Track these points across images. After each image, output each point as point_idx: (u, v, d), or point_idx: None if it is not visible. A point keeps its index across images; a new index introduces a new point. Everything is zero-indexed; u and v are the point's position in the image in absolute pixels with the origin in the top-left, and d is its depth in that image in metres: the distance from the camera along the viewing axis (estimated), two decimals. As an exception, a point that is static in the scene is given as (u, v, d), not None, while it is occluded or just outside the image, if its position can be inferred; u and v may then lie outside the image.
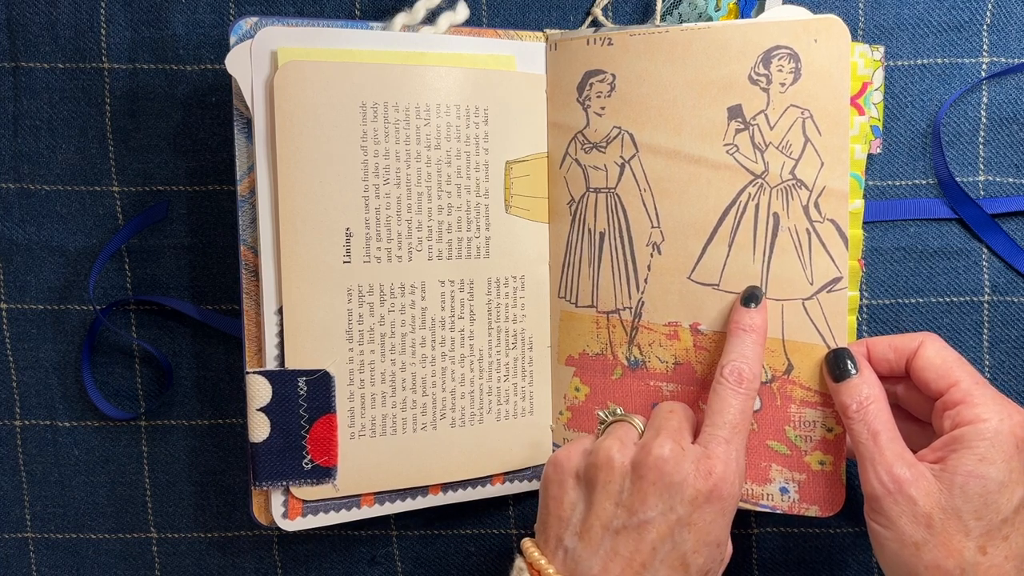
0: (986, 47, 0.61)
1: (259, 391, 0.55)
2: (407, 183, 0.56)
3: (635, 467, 0.49)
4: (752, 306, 0.54)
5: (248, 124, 0.55)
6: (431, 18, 0.57)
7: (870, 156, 0.60)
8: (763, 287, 0.55)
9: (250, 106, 0.54)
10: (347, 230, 0.55)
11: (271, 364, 0.55)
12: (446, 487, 0.60)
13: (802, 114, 0.54)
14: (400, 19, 0.57)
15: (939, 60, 0.61)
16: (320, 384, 0.56)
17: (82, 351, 0.63)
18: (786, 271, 0.55)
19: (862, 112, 0.57)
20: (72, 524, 0.64)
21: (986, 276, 0.61)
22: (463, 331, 0.58)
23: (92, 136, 0.61)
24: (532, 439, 0.61)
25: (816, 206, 0.54)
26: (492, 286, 0.59)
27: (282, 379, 0.55)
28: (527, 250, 0.60)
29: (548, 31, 0.59)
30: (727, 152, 0.55)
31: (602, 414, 0.55)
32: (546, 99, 0.60)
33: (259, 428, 0.55)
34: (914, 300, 0.62)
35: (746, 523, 0.64)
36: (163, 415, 0.64)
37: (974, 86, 0.61)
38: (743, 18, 0.58)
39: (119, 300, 0.63)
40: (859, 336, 0.62)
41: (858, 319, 0.62)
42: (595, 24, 0.61)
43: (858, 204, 0.58)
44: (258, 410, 0.55)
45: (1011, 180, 0.61)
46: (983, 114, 0.61)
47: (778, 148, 0.54)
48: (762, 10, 0.58)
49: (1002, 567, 0.48)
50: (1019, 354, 0.62)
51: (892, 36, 0.61)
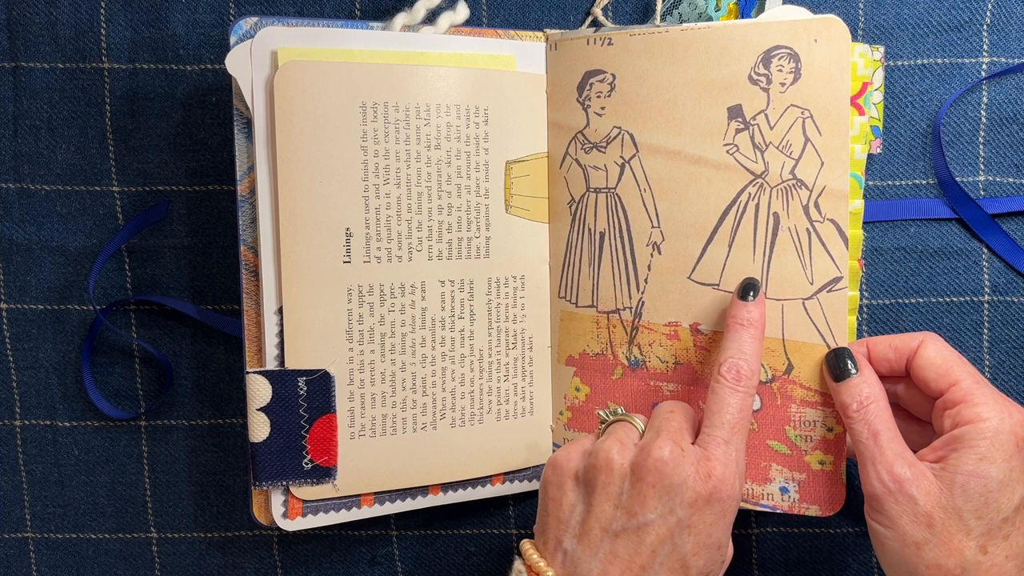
0: (986, 47, 0.61)
1: (259, 391, 0.55)
2: (407, 183, 0.56)
3: (635, 469, 0.49)
4: (750, 298, 0.54)
5: (248, 124, 0.55)
6: (431, 18, 0.57)
7: (870, 156, 0.60)
8: (763, 287, 0.55)
9: (250, 106, 0.54)
10: (347, 230, 0.55)
11: (271, 364, 0.55)
12: (446, 487, 0.60)
13: (802, 114, 0.54)
14: (400, 19, 0.57)
15: (939, 60, 0.61)
16: (320, 384, 0.56)
17: (82, 351, 0.63)
18: (786, 271, 0.55)
19: (862, 112, 0.57)
20: (72, 524, 0.64)
21: (986, 276, 0.61)
22: (463, 331, 0.58)
23: (92, 136, 0.61)
24: (532, 439, 0.61)
25: (816, 206, 0.54)
26: (492, 286, 0.59)
27: (282, 379, 0.55)
28: (527, 250, 0.60)
29: (548, 31, 0.59)
30: (727, 152, 0.55)
31: (602, 413, 0.54)
32: (546, 99, 0.60)
33: (259, 428, 0.55)
34: (914, 300, 0.62)
35: (746, 523, 0.64)
36: (163, 415, 0.64)
37: (974, 86, 0.61)
38: (743, 18, 0.58)
39: (119, 300, 0.63)
40: (859, 336, 0.62)
41: (858, 319, 0.62)
42: (595, 24, 0.61)
43: (858, 204, 0.58)
44: (258, 410, 0.55)
45: (1011, 180, 0.61)
46: (983, 114, 0.61)
47: (778, 148, 0.54)
48: (762, 10, 0.58)
49: (1003, 566, 0.48)
50: (1019, 354, 0.62)
51: (892, 36, 0.61)
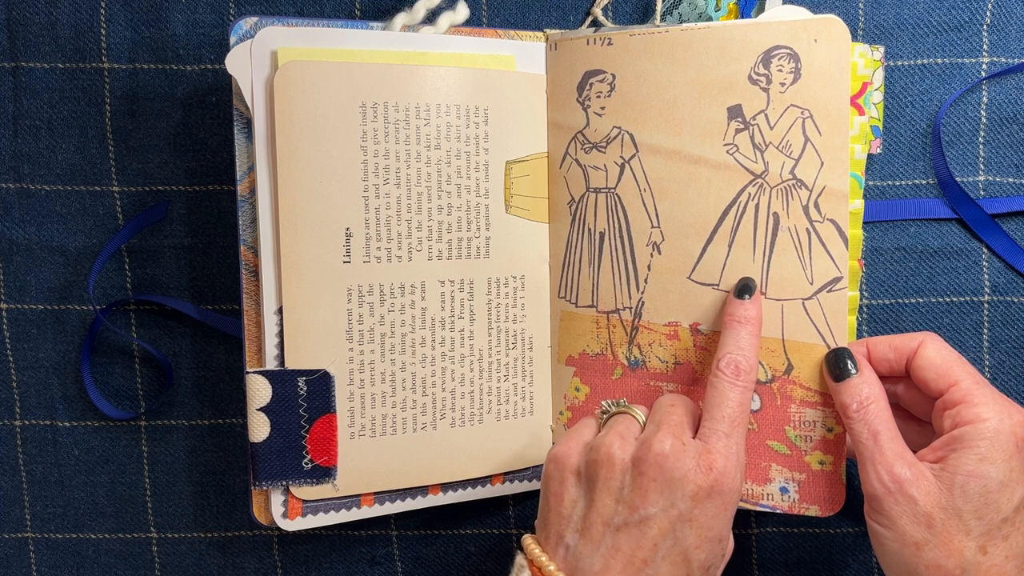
0: (986, 47, 0.61)
1: (259, 391, 0.55)
2: (407, 183, 0.56)
3: (636, 463, 0.49)
4: (746, 298, 0.54)
5: (248, 124, 0.55)
6: (431, 18, 0.57)
7: (870, 156, 0.60)
8: (763, 287, 0.55)
9: (250, 106, 0.54)
10: (347, 230, 0.55)
11: (271, 364, 0.55)
12: (446, 487, 0.60)
13: (802, 114, 0.54)
14: (400, 19, 0.57)
15: (939, 60, 0.61)
16: (320, 384, 0.56)
17: (82, 351, 0.63)
18: (786, 271, 0.55)
19: (862, 112, 0.57)
20: (72, 524, 0.64)
21: (986, 276, 0.61)
22: (463, 331, 0.58)
23: (92, 136, 0.61)
24: (532, 439, 0.61)
25: (816, 206, 0.54)
26: (492, 286, 0.59)
27: (282, 379, 0.55)
28: (527, 250, 0.60)
29: (548, 31, 0.59)
30: (727, 152, 0.55)
31: (605, 404, 0.55)
32: (546, 99, 0.60)
33: (259, 428, 0.55)
34: (914, 300, 0.62)
35: (746, 523, 0.64)
36: (163, 415, 0.64)
37: (974, 86, 0.61)
38: (743, 18, 0.58)
39: (119, 300, 0.63)
40: (859, 336, 0.62)
41: (858, 319, 0.62)
42: (595, 24, 0.61)
43: (858, 204, 0.58)
44: (258, 410, 0.55)
45: (1011, 180, 0.61)
46: (983, 114, 0.61)
47: (778, 148, 0.54)
48: (762, 10, 0.58)
49: (1003, 567, 0.48)
50: (1019, 354, 0.62)
51: (892, 36, 0.61)
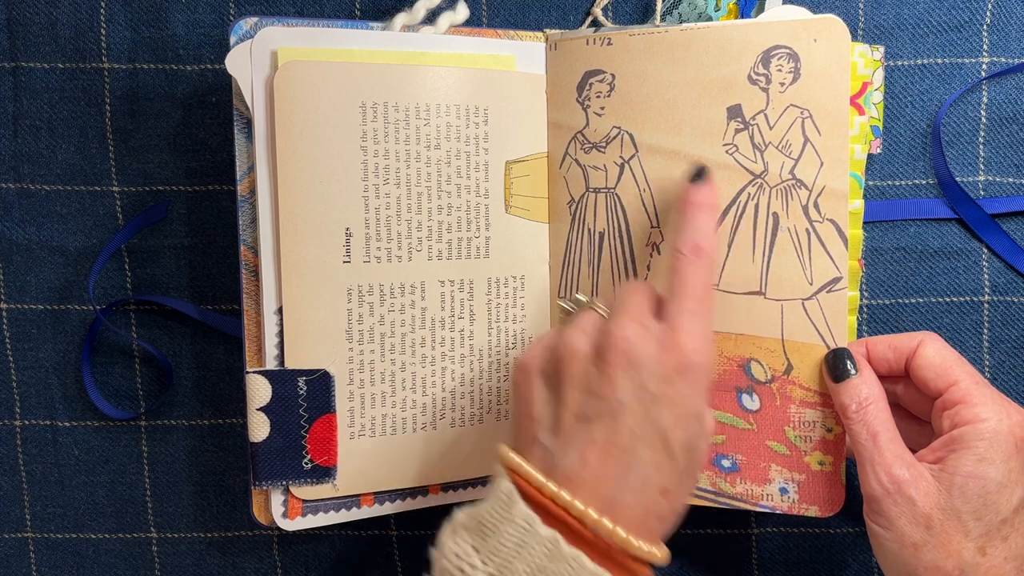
0: (986, 47, 0.61)
1: (259, 391, 0.55)
2: (407, 183, 0.56)
3: (599, 352, 0.47)
4: (700, 181, 0.52)
5: (248, 124, 0.55)
6: (431, 18, 0.57)
7: (870, 156, 0.60)
8: (763, 287, 0.55)
9: (250, 106, 0.54)
10: (347, 230, 0.55)
11: (271, 364, 0.55)
12: (446, 487, 0.60)
13: (802, 114, 0.54)
14: (400, 19, 0.57)
15: (939, 60, 0.61)
16: (320, 384, 0.56)
17: (82, 351, 0.63)
18: (786, 271, 0.55)
19: (862, 112, 0.57)
20: (72, 524, 0.64)
21: (986, 276, 0.61)
22: (463, 331, 0.58)
23: (92, 136, 0.61)
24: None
25: (816, 206, 0.54)
26: (492, 286, 0.59)
27: (282, 379, 0.55)
28: (527, 250, 0.60)
29: (548, 31, 0.59)
30: (726, 152, 0.55)
31: (563, 303, 0.53)
32: (546, 99, 0.60)
33: (259, 428, 0.55)
34: (914, 300, 0.62)
35: (746, 523, 0.64)
36: (163, 415, 0.64)
37: (974, 86, 0.61)
38: (743, 18, 0.58)
39: (119, 300, 0.63)
40: (859, 336, 0.62)
41: (858, 319, 0.62)
42: (595, 24, 0.61)
43: (858, 204, 0.58)
44: (258, 410, 0.55)
45: (1011, 180, 0.61)
46: (983, 114, 0.61)
47: (778, 148, 0.54)
48: (762, 10, 0.58)
49: (1001, 568, 0.48)
50: (1019, 354, 0.62)
51: (892, 36, 0.61)
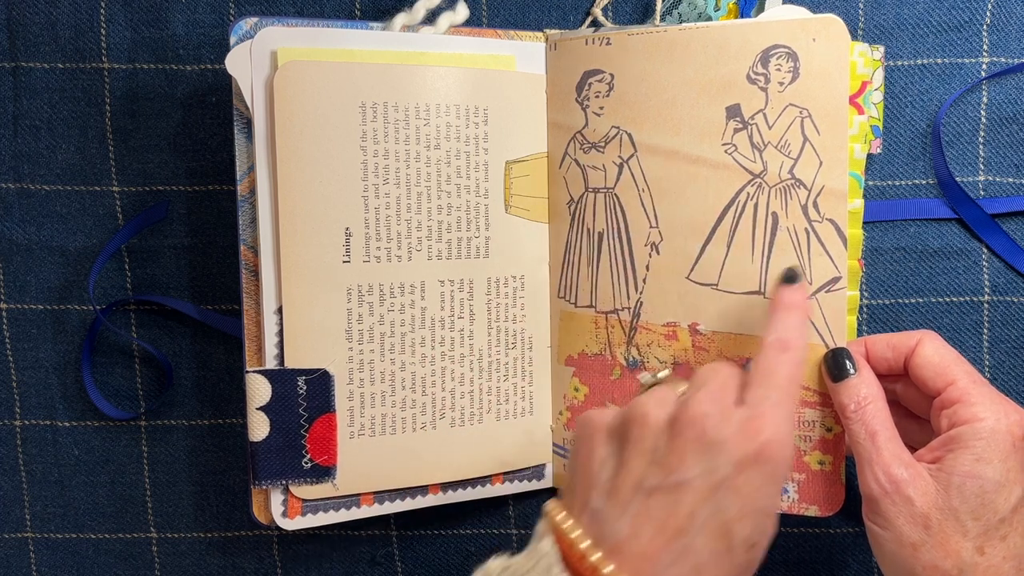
0: (986, 47, 0.60)
1: (259, 390, 0.55)
2: (407, 183, 0.56)
3: (672, 423, 0.44)
4: (794, 284, 0.51)
5: (248, 124, 0.55)
6: (431, 18, 0.57)
7: (870, 156, 0.60)
8: (762, 287, 0.55)
9: (250, 106, 0.54)
10: (347, 230, 0.55)
11: (271, 363, 0.55)
12: (446, 487, 0.60)
13: (801, 113, 0.54)
14: (400, 19, 0.57)
15: (939, 60, 0.61)
16: (320, 383, 0.56)
17: (82, 351, 0.63)
18: (785, 271, 0.55)
19: (861, 111, 0.57)
20: (72, 524, 0.64)
21: (986, 276, 0.61)
22: (463, 331, 0.58)
23: (92, 136, 0.61)
24: (532, 439, 0.61)
25: (815, 206, 0.54)
26: (492, 286, 0.59)
27: (282, 378, 0.55)
28: (527, 250, 0.60)
29: (548, 31, 0.59)
30: (725, 152, 0.55)
31: (645, 376, 0.52)
32: (546, 99, 0.60)
33: (259, 427, 0.55)
34: (914, 300, 0.62)
35: (746, 523, 0.64)
36: (163, 415, 0.64)
37: (974, 86, 0.61)
38: (742, 18, 0.58)
39: (119, 300, 0.63)
40: (859, 336, 0.61)
41: (858, 319, 0.62)
42: (595, 24, 0.61)
43: (858, 204, 0.58)
44: (258, 409, 0.55)
45: (1011, 180, 0.61)
46: (983, 114, 0.61)
47: (777, 148, 0.54)
48: (762, 10, 0.58)
49: (1000, 567, 0.48)
50: (1019, 354, 0.62)
51: (892, 36, 0.61)
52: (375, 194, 0.55)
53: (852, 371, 0.53)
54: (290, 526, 0.57)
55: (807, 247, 0.54)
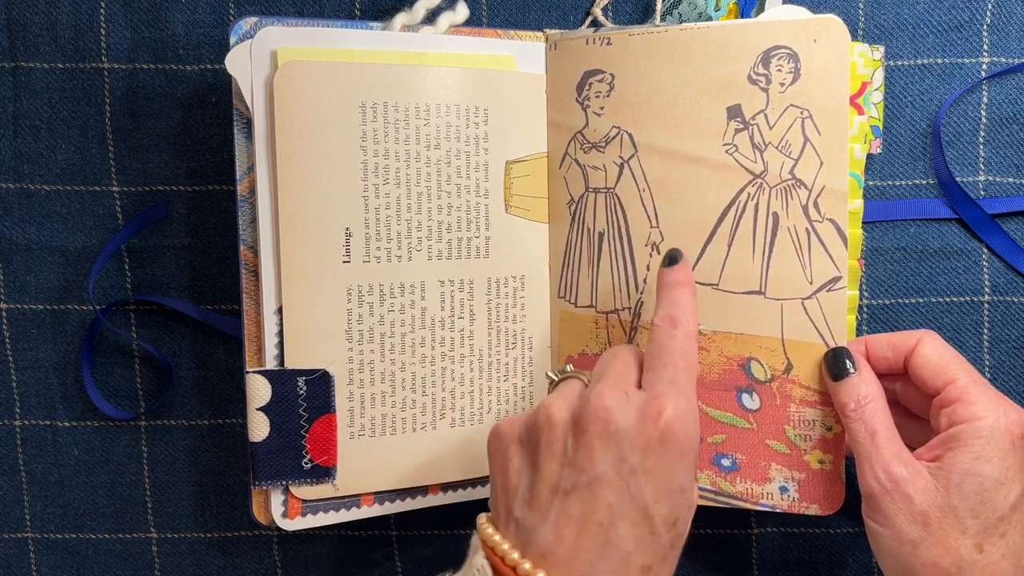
0: (986, 47, 0.61)
1: (259, 390, 0.55)
2: (407, 183, 0.56)
3: (576, 421, 0.45)
4: (676, 264, 0.52)
5: (248, 124, 0.55)
6: (431, 18, 0.57)
7: (870, 156, 0.60)
8: (762, 286, 0.55)
9: (250, 106, 0.54)
10: (347, 230, 0.55)
11: (271, 364, 0.55)
12: (446, 487, 0.60)
13: (801, 114, 0.54)
14: (400, 19, 0.57)
15: (939, 60, 0.61)
16: (320, 384, 0.56)
17: (82, 351, 0.63)
18: (785, 271, 0.55)
19: (862, 112, 0.57)
20: (72, 524, 0.64)
21: (986, 276, 0.61)
22: (463, 331, 0.58)
23: (92, 136, 0.61)
24: (532, 439, 0.61)
25: (815, 206, 0.54)
26: (492, 286, 0.59)
27: (282, 378, 0.55)
28: (527, 250, 0.60)
29: (548, 31, 0.59)
30: (726, 152, 0.55)
31: (550, 374, 0.52)
32: (546, 99, 0.60)
33: (259, 427, 0.55)
34: (914, 300, 0.62)
35: (746, 523, 0.64)
36: (163, 415, 0.64)
37: (974, 86, 0.61)
38: (743, 18, 0.58)
39: (119, 300, 0.63)
40: (858, 336, 0.62)
41: (858, 319, 0.62)
42: (595, 24, 0.61)
43: (858, 204, 0.58)
44: (258, 409, 0.55)
45: (1011, 180, 0.61)
46: (983, 114, 0.61)
47: (777, 148, 0.54)
48: (762, 10, 0.58)
49: (999, 565, 0.48)
50: (1019, 354, 0.62)
51: (892, 36, 0.61)
52: (375, 194, 0.55)
53: (852, 370, 0.53)
54: (290, 526, 0.57)
55: (808, 247, 0.54)
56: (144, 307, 0.63)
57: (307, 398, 0.56)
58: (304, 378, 0.55)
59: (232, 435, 0.64)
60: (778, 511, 0.57)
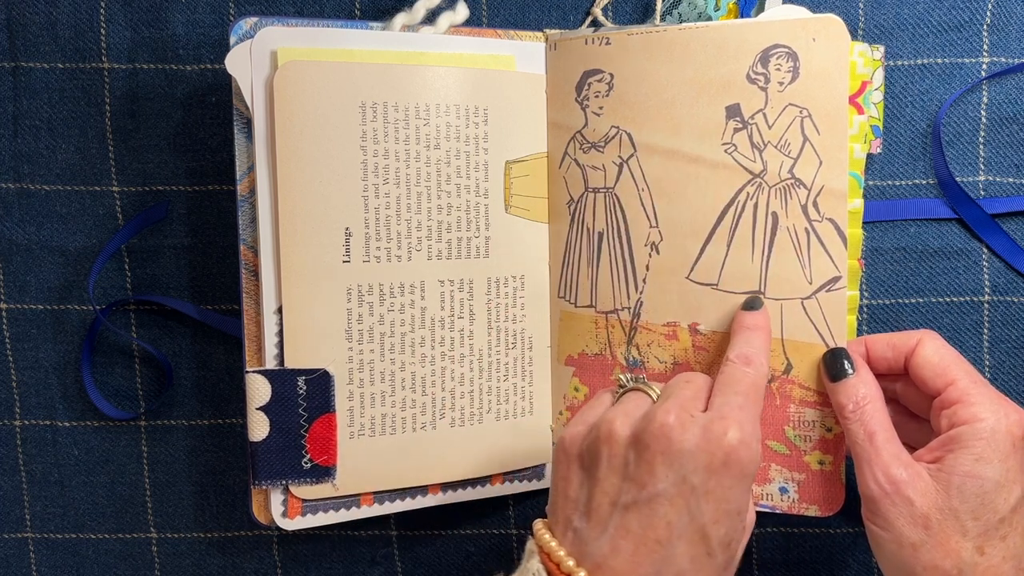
0: (986, 47, 0.60)
1: (259, 390, 0.55)
2: (406, 183, 0.56)
3: (639, 437, 0.46)
4: (755, 310, 0.54)
5: (248, 124, 0.55)
6: (431, 18, 0.57)
7: (870, 156, 0.60)
8: (762, 286, 0.55)
9: (250, 106, 0.54)
10: (347, 229, 0.55)
11: (271, 363, 0.55)
12: (446, 487, 0.60)
13: (800, 113, 0.54)
14: (400, 19, 0.57)
15: (939, 60, 0.61)
16: (319, 383, 0.56)
17: (82, 351, 0.63)
18: (785, 270, 0.55)
19: (861, 111, 0.57)
20: (72, 524, 0.65)
21: (986, 276, 0.61)
22: (463, 331, 0.58)
23: (92, 136, 0.61)
24: (532, 439, 0.61)
25: (815, 205, 0.54)
26: (492, 286, 0.59)
27: (282, 378, 0.55)
28: (527, 250, 0.60)
29: (548, 31, 0.59)
30: (725, 151, 0.55)
31: (622, 378, 0.53)
32: (546, 99, 0.60)
33: (258, 427, 0.55)
34: (914, 300, 0.62)
35: (746, 523, 0.64)
36: (163, 415, 0.64)
37: (974, 86, 0.61)
38: (742, 17, 0.58)
39: (119, 300, 0.63)
40: (858, 336, 0.62)
41: (858, 319, 0.62)
42: (595, 24, 0.61)
43: (858, 203, 0.58)
44: (257, 409, 0.55)
45: (1011, 180, 0.61)
46: (983, 114, 0.61)
47: (776, 147, 0.54)
48: (762, 9, 0.58)
49: (1000, 567, 0.48)
50: (1019, 354, 0.62)
51: (892, 36, 0.61)
52: (375, 194, 0.55)
53: (850, 371, 0.53)
54: (290, 526, 0.57)
55: (807, 247, 0.54)
56: (144, 307, 0.63)
57: (307, 398, 0.56)
58: (304, 378, 0.56)
59: (232, 435, 0.64)
60: (778, 512, 0.57)
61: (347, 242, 0.55)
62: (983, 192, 0.61)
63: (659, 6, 0.59)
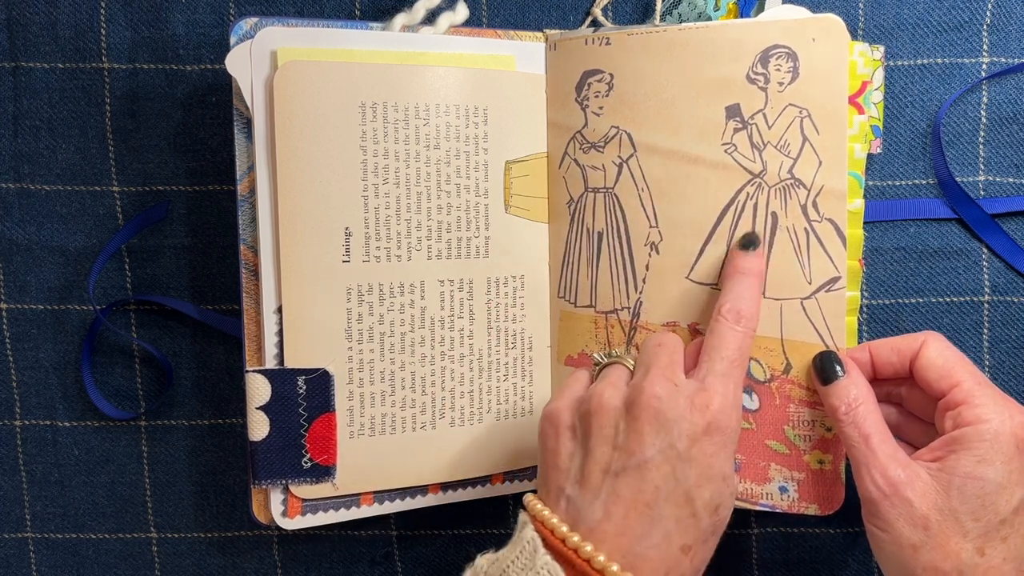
0: (986, 47, 0.60)
1: (258, 389, 0.55)
2: (406, 183, 0.56)
3: (629, 408, 0.49)
4: (750, 250, 0.54)
5: (248, 124, 0.55)
6: (431, 18, 0.57)
7: (870, 156, 0.60)
8: (761, 286, 0.55)
9: (250, 106, 0.54)
10: (346, 229, 0.55)
11: (271, 363, 0.55)
12: (446, 487, 0.60)
13: (800, 113, 0.54)
14: (400, 19, 0.57)
15: (939, 60, 0.61)
16: (319, 383, 0.56)
17: (82, 351, 0.63)
18: (784, 270, 0.55)
19: (861, 111, 0.57)
20: (72, 524, 0.65)
21: (986, 276, 0.61)
22: (462, 331, 0.58)
23: (92, 136, 0.62)
24: (532, 439, 0.61)
25: (814, 205, 0.54)
26: (491, 286, 0.59)
27: (281, 378, 0.55)
28: (527, 250, 0.60)
29: (548, 31, 0.59)
30: (725, 151, 0.55)
31: (596, 356, 0.55)
32: (545, 99, 0.60)
33: (258, 426, 0.55)
34: (914, 300, 0.62)
35: (746, 523, 0.64)
36: (163, 415, 0.64)
37: (974, 86, 0.61)
38: (742, 18, 0.58)
39: (119, 300, 0.63)
40: (860, 336, 0.62)
41: (858, 319, 0.62)
42: (595, 24, 0.61)
43: (858, 204, 0.58)
44: (257, 408, 0.55)
45: (1011, 180, 0.61)
46: (983, 114, 0.61)
47: (776, 147, 0.54)
48: (762, 9, 0.58)
49: (1000, 568, 0.48)
50: (1019, 354, 0.62)
51: (892, 36, 0.61)
52: (375, 194, 0.55)
53: (840, 373, 0.53)
54: (290, 526, 0.57)
55: (806, 247, 0.54)
56: (144, 307, 0.63)
57: (307, 397, 0.56)
58: (304, 377, 0.56)
59: (232, 435, 0.64)
60: (778, 511, 0.57)
61: (347, 242, 0.55)
62: (983, 192, 0.61)
63: (659, 6, 0.59)
